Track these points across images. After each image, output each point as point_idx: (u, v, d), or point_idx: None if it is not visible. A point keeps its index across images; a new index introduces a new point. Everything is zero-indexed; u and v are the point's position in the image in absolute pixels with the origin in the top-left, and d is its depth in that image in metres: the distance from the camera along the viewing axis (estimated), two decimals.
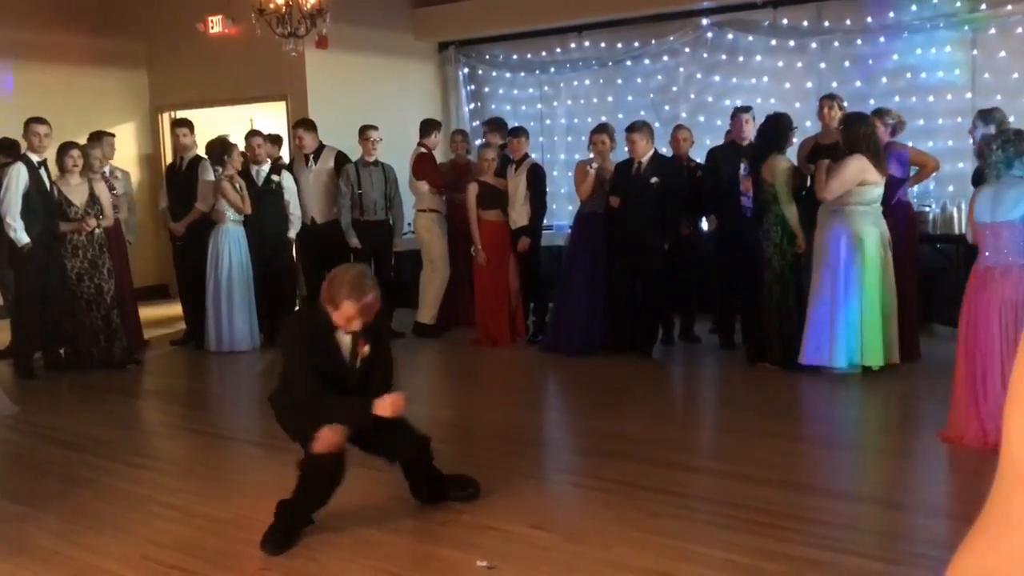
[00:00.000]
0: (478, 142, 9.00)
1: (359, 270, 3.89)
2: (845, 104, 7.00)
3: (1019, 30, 7.83)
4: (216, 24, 10.00)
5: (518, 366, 7.23)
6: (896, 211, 6.34)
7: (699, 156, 7.88)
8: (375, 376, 3.84)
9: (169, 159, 10.26)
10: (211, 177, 7.64)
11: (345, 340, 3.80)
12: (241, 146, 7.95)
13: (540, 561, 3.44)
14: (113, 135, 8.08)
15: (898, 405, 5.82)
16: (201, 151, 8.00)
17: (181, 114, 10.62)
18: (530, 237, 7.60)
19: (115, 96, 10.47)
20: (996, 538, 0.74)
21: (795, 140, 6.89)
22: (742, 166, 6.85)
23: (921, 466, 4.62)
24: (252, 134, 8.12)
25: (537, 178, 7.59)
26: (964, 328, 4.65)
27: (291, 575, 3.43)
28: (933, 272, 7.24)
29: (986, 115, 6.26)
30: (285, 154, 9.15)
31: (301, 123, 8.33)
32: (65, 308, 6.97)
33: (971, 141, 6.45)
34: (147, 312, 8.47)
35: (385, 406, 3.69)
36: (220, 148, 7.74)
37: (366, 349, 3.80)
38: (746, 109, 7.29)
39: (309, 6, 7.88)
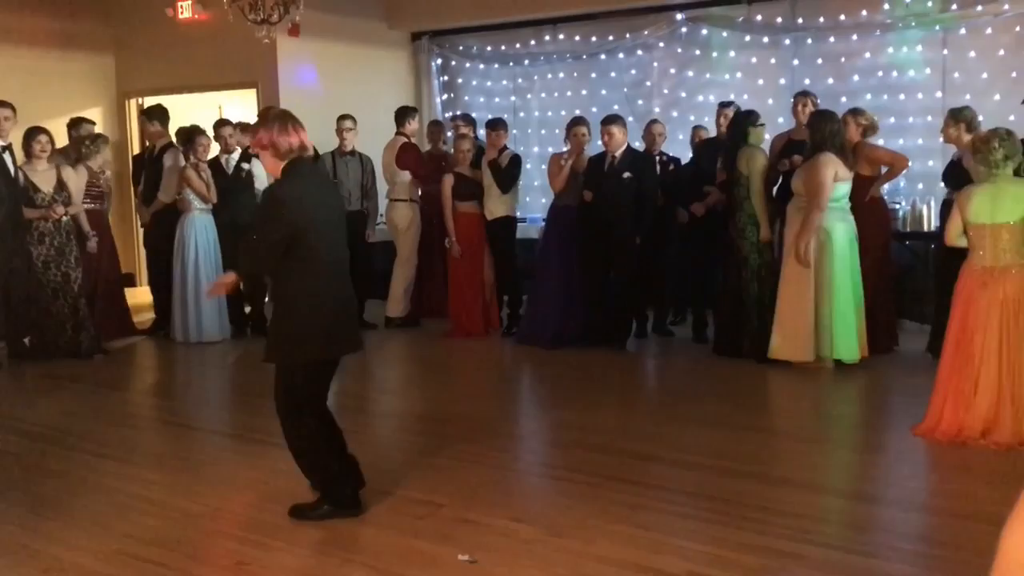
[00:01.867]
0: (450, 133, 8.95)
1: (280, 110, 3.95)
2: (819, 101, 7.05)
3: (988, 31, 7.93)
4: (186, 9, 9.83)
5: (492, 358, 7.21)
6: (870, 208, 6.41)
7: (672, 150, 7.96)
8: None
9: (136, 146, 10.13)
10: (172, 165, 7.57)
11: None
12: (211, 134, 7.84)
13: (522, 555, 3.42)
14: (94, 122, 7.99)
15: (870, 399, 5.88)
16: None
17: (149, 100, 10.46)
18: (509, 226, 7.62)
19: (81, 81, 10.26)
20: None
21: (767, 136, 6.95)
22: (719, 161, 6.92)
23: (895, 460, 4.66)
24: (222, 123, 8.02)
25: (514, 164, 7.56)
26: (957, 327, 4.67)
27: (270, 569, 3.38)
28: (902, 269, 7.33)
29: (957, 113, 6.33)
30: None
31: None
32: (30, 296, 6.83)
33: (942, 140, 6.54)
34: None
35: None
36: (186, 136, 7.64)
37: None
38: (727, 104, 7.37)
39: None
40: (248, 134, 3.78)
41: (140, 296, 9.27)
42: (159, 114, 7.99)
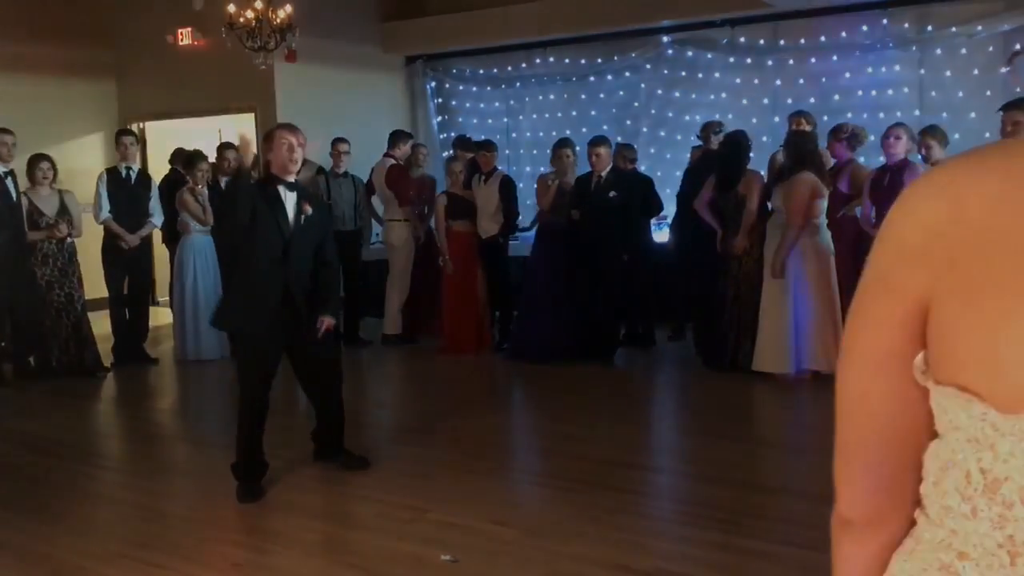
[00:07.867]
0: (445, 154, 9.19)
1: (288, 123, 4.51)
2: (814, 120, 7.26)
3: (963, 51, 8.17)
4: (186, 36, 10.09)
5: (482, 373, 7.40)
6: (843, 224, 6.64)
7: (661, 169, 8.22)
8: (323, 243, 4.42)
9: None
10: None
11: (291, 198, 4.30)
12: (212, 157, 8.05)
13: (501, 555, 3.61)
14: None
15: None
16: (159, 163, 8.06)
17: (151, 126, 10.72)
18: (502, 245, 7.83)
19: (83, 107, 10.51)
20: None
21: (751, 154, 7.18)
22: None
23: None
24: (225, 147, 8.20)
25: (508, 190, 7.80)
26: None
27: (264, 569, 3.57)
28: None
29: (932, 130, 6.56)
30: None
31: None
32: (33, 316, 7.04)
33: (920, 157, 6.75)
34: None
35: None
36: (186, 161, 7.86)
37: (308, 209, 4.32)
38: (717, 127, 7.61)
39: (278, 21, 8.04)
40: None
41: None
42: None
